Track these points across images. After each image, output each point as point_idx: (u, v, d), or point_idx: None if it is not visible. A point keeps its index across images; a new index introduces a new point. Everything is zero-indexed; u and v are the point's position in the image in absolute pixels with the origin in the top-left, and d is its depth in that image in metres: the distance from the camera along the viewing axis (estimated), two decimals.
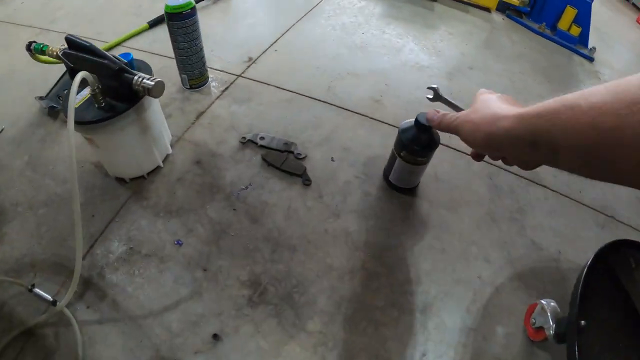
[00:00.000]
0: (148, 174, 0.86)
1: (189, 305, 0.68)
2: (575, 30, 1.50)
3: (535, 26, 1.57)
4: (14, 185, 0.84)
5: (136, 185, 0.84)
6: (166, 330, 0.65)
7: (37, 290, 0.68)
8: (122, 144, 0.76)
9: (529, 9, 1.61)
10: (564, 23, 1.53)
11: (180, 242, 0.76)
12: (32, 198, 0.82)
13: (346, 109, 1.05)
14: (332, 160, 0.92)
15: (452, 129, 0.56)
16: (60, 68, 1.01)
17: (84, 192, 0.83)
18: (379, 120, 1.03)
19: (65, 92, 0.69)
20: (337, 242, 0.77)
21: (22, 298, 0.69)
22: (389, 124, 1.02)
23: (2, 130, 0.95)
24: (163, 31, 1.08)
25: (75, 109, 0.70)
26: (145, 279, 0.71)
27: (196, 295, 0.70)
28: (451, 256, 0.78)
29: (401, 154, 0.78)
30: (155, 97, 0.68)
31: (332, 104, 1.05)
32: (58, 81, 1.05)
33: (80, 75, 0.63)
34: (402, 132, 0.77)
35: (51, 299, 0.67)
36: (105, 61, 0.67)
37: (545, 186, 0.94)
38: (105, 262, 0.73)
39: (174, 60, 1.01)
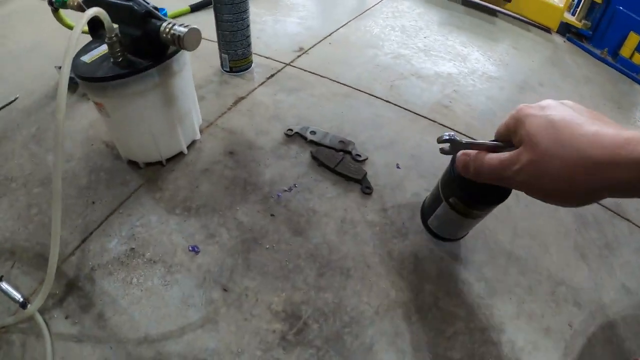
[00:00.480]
0: (167, 160, 0.71)
1: (198, 335, 0.51)
2: (638, 59, 1.41)
3: (597, 51, 1.49)
4: (13, 158, 0.74)
5: (151, 172, 0.70)
6: None
7: (4, 285, 0.55)
8: (139, 114, 0.61)
9: (591, 32, 1.54)
10: (626, 50, 1.44)
11: (196, 249, 0.59)
12: (29, 174, 0.71)
13: (412, 111, 0.89)
14: (398, 167, 0.75)
15: (505, 178, 0.38)
16: (85, 39, 0.92)
17: (87, 174, 0.70)
18: (450, 128, 0.87)
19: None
20: (403, 270, 0.59)
21: None
22: (462, 133, 0.86)
23: (16, 99, 0.88)
24: (205, 15, 1.07)
25: (87, 64, 0.57)
26: (144, 291, 0.55)
27: (210, 323, 0.53)
28: (539, 297, 0.61)
29: (450, 199, 0.56)
30: (188, 50, 0.53)
31: (395, 104, 0.91)
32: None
33: (92, 11, 0.48)
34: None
35: (21, 300, 0.53)
36: (130, 2, 0.53)
37: (630, 220, 0.79)
38: (98, 263, 0.58)
39: (214, 44, 0.90)
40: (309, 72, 0.97)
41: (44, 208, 0.65)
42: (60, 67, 0.89)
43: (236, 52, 0.87)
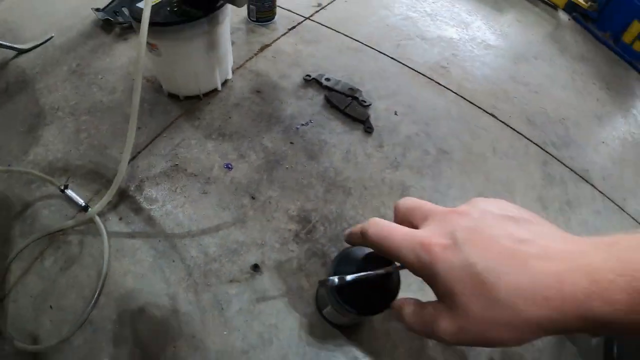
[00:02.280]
0: (204, 94, 0.83)
1: (230, 231, 0.66)
2: (639, 46, 1.44)
3: (600, 33, 1.52)
4: (56, 90, 0.83)
5: (190, 104, 0.82)
6: (202, 253, 0.63)
7: (69, 191, 0.65)
8: (187, 55, 0.73)
9: (596, 14, 1.56)
10: (628, 36, 1.47)
11: (230, 166, 0.73)
12: (74, 104, 0.81)
13: (413, 69, 1.01)
14: (396, 114, 0.88)
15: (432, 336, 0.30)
16: None
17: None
18: (444, 86, 0.99)
19: None
20: (393, 194, 0.74)
21: (48, 202, 0.67)
22: (453, 92, 0.98)
23: (52, 37, 0.94)
24: None
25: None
26: (187, 198, 0.69)
27: (240, 222, 0.67)
28: None
29: (323, 311, 0.57)
30: (239, 6, 0.64)
31: (399, 62, 1.02)
32: None
33: None
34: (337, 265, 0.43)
35: (83, 203, 0.64)
36: None
37: (593, 185, 0.91)
38: (146, 176, 0.71)
39: None
40: (326, 26, 1.07)
41: (92, 132, 0.76)
42: (97, 10, 0.97)
43: (263, 5, 0.98)
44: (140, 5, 0.68)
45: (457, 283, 0.27)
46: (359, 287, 0.39)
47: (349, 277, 0.37)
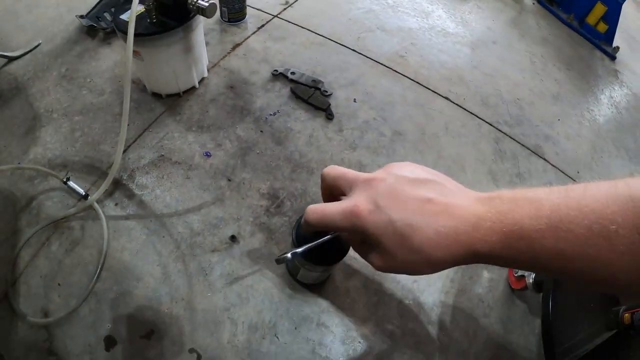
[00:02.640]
0: (184, 92, 0.92)
1: (211, 209, 0.76)
2: (602, 27, 1.51)
3: (564, 16, 1.58)
4: (49, 94, 0.90)
5: (171, 101, 0.91)
6: (188, 229, 0.73)
7: (71, 183, 0.74)
8: (167, 59, 0.82)
9: None
10: (592, 18, 1.54)
11: (208, 154, 0.83)
12: (67, 106, 0.88)
13: (372, 59, 1.10)
14: (355, 101, 0.98)
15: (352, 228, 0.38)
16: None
17: (119, 104, 0.88)
18: (401, 74, 1.08)
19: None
20: None
21: (51, 194, 0.75)
22: (410, 78, 1.08)
23: (39, 45, 0.99)
24: None
25: (127, 22, 0.75)
26: (173, 183, 0.79)
27: (218, 201, 0.77)
28: None
29: (297, 276, 0.67)
30: (208, 17, 0.73)
31: (360, 53, 1.11)
32: (98, 3, 1.09)
33: None
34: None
35: (83, 193, 0.73)
36: None
37: (546, 159, 0.99)
38: (137, 166, 0.80)
39: None
40: (292, 23, 1.16)
41: (86, 131, 0.84)
42: (81, 17, 1.03)
43: (234, 6, 1.06)
44: (123, 17, 0.77)
45: (384, 237, 0.35)
46: (317, 251, 0.49)
47: (299, 250, 0.47)
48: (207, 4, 0.72)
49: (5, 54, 0.95)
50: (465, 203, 0.35)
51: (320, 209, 0.41)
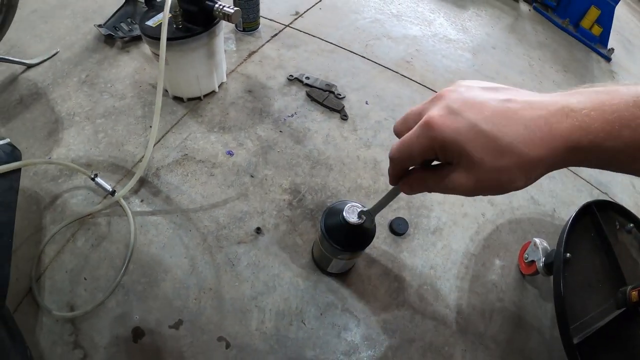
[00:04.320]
0: (204, 96, 0.97)
1: (235, 204, 0.80)
2: (597, 30, 1.58)
3: (560, 21, 1.65)
4: (70, 99, 0.93)
5: (193, 105, 0.95)
6: (214, 222, 0.77)
7: (99, 179, 0.76)
8: (191, 64, 0.87)
9: (555, 3, 1.70)
10: (586, 22, 1.60)
11: (231, 153, 0.87)
12: (89, 110, 0.91)
13: (381, 65, 1.16)
14: (367, 103, 1.03)
15: (450, 192, 0.34)
16: (114, 2, 1.12)
17: (141, 107, 0.93)
18: (409, 78, 1.14)
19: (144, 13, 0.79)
20: (366, 168, 0.89)
21: (75, 192, 0.78)
22: (417, 82, 1.14)
23: (57, 52, 1.03)
24: None
25: (154, 27, 0.80)
26: (197, 180, 0.82)
27: (242, 196, 0.81)
28: None
29: (327, 268, 0.71)
30: (234, 23, 0.78)
31: (369, 59, 1.17)
32: (115, 13, 1.13)
33: None
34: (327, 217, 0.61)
35: (110, 189, 0.76)
36: None
37: None
38: (162, 165, 0.84)
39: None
40: (304, 32, 1.22)
41: (109, 132, 0.87)
42: (99, 26, 1.07)
43: (249, 16, 1.12)
44: (149, 23, 0.81)
45: (467, 143, 0.30)
46: (348, 237, 0.57)
47: (370, 208, 0.54)
48: (232, 11, 0.77)
49: (24, 61, 0.98)
50: (549, 98, 0.31)
51: (397, 142, 0.36)
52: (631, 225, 0.76)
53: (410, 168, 0.38)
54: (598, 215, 0.75)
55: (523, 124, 0.29)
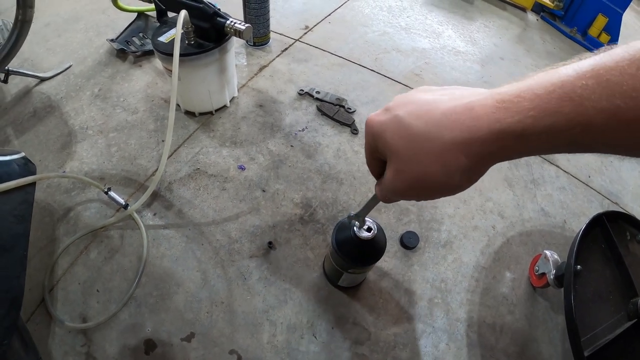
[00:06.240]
0: (216, 110, 0.98)
1: (247, 218, 0.81)
2: (605, 38, 1.57)
3: (567, 30, 1.65)
4: (83, 112, 0.95)
5: (204, 119, 0.97)
6: (226, 236, 0.78)
7: (112, 193, 0.77)
8: (203, 79, 0.88)
9: (562, 12, 1.69)
10: (594, 30, 1.60)
11: (243, 167, 0.88)
12: (102, 124, 0.93)
13: (390, 78, 1.17)
14: None
15: (395, 196, 0.36)
16: (126, 17, 1.14)
17: (153, 121, 0.95)
18: None
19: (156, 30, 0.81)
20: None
21: (88, 205, 0.80)
22: None
23: (70, 66, 1.05)
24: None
25: (166, 43, 0.83)
26: (209, 194, 0.84)
27: (254, 210, 0.82)
28: (471, 207, 0.90)
29: (338, 282, 0.72)
30: (245, 39, 0.80)
31: (378, 73, 1.18)
32: (127, 28, 1.16)
33: (183, 13, 0.75)
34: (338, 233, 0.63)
35: (124, 202, 0.77)
36: (201, 5, 0.79)
37: (558, 166, 1.04)
38: (174, 179, 0.85)
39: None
40: (314, 46, 1.23)
41: (122, 146, 0.89)
42: (112, 40, 1.10)
43: (259, 31, 1.14)
44: (162, 39, 0.84)
45: (388, 133, 0.31)
46: (359, 251, 0.59)
47: (356, 212, 0.56)
48: (244, 27, 0.78)
49: (37, 74, 1.00)
50: (483, 90, 0.30)
51: None
52: None
53: None
54: (608, 227, 0.75)
55: (441, 111, 0.29)
